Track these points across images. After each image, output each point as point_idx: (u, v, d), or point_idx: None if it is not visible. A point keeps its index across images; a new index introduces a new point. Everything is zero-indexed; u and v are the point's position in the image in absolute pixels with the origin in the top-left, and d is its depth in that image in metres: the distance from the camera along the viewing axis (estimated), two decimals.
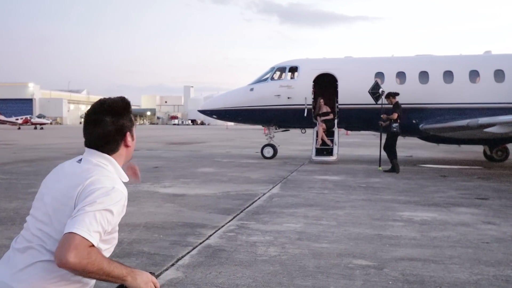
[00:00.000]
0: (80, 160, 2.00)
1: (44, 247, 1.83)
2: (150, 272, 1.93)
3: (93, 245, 1.73)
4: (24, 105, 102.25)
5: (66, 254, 1.66)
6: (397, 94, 13.16)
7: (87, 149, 2.02)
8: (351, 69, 15.63)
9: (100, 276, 1.72)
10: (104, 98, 2.05)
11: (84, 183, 1.84)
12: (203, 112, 17.32)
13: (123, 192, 1.89)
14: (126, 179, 2.07)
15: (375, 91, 13.35)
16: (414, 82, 15.02)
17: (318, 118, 15.59)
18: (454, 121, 13.67)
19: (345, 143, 24.47)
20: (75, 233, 1.70)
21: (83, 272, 1.70)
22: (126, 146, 2.06)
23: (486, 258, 4.67)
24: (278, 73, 16.07)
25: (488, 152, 16.30)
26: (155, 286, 1.90)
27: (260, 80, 16.15)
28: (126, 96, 2.11)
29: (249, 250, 4.92)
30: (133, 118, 2.09)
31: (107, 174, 1.92)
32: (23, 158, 15.80)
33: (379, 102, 13.34)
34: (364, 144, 26.02)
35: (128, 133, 2.05)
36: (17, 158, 15.89)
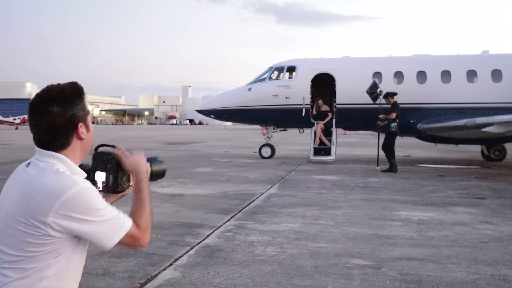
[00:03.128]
0: (29, 164, 1.76)
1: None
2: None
3: (134, 225, 1.77)
4: (22, 105, 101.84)
5: (142, 245, 1.79)
6: (395, 94, 13.17)
7: (36, 148, 1.77)
8: (349, 69, 15.64)
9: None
10: (52, 85, 1.77)
11: (38, 198, 1.61)
12: (201, 112, 17.32)
13: (87, 184, 1.69)
14: (84, 174, 1.85)
15: (373, 91, 13.36)
16: (412, 82, 15.03)
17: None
18: (452, 121, 13.68)
19: (343, 142, 24.48)
20: (125, 233, 1.72)
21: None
22: (79, 138, 1.77)
23: (484, 257, 4.69)
24: (276, 73, 16.08)
25: (486, 152, 16.32)
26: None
27: (258, 80, 16.15)
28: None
29: (247, 250, 4.92)
30: (86, 106, 1.80)
31: (58, 176, 1.66)
32: (21, 158, 15.71)
33: (377, 102, 13.35)
34: (362, 144, 26.04)
35: (80, 124, 1.76)
36: (15, 158, 15.85)
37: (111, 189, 1.94)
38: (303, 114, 15.22)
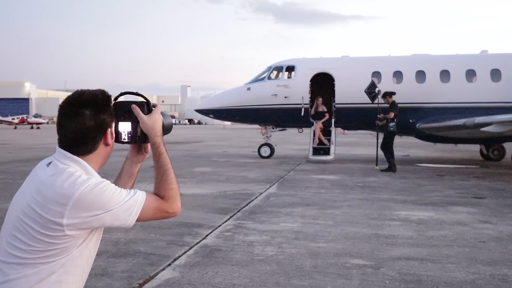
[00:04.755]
0: (50, 163, 1.76)
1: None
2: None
3: (156, 197, 1.80)
4: (20, 105, 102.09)
5: (173, 214, 1.86)
6: (394, 93, 13.18)
7: (58, 149, 1.77)
8: (348, 69, 15.64)
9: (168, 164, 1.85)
10: (83, 90, 1.79)
11: (62, 200, 1.63)
12: (200, 111, 17.32)
13: (95, 180, 1.69)
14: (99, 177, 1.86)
15: (371, 91, 13.36)
16: (411, 82, 15.04)
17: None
18: (451, 121, 13.69)
19: (342, 142, 24.49)
20: (141, 208, 1.73)
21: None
22: (106, 144, 1.80)
23: (483, 257, 4.68)
24: (275, 72, 16.07)
25: (485, 151, 16.33)
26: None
27: (257, 80, 16.14)
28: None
29: (246, 249, 4.91)
30: (113, 114, 1.83)
31: (72, 178, 1.66)
32: (19, 157, 15.74)
33: (376, 101, 13.36)
34: (361, 143, 26.04)
35: (109, 130, 1.79)
36: (13, 157, 15.84)
37: (140, 139, 1.86)
38: (302, 114, 15.22)
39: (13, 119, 58.85)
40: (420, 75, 15.09)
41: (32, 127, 57.18)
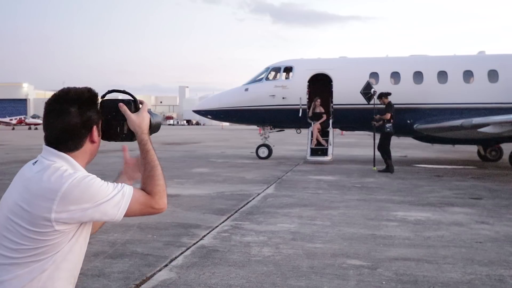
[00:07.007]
0: (36, 162, 1.79)
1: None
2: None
3: (143, 192, 1.79)
4: (18, 106, 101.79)
5: (159, 209, 1.80)
6: (389, 94, 13.17)
7: (44, 147, 1.78)
8: (345, 69, 15.65)
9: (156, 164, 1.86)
10: (69, 87, 1.80)
11: (48, 195, 1.63)
12: (198, 112, 17.32)
13: (82, 174, 1.70)
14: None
15: (367, 92, 13.37)
16: (408, 82, 15.05)
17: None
18: (448, 121, 13.72)
19: (340, 143, 24.50)
20: (129, 202, 1.71)
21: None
22: (92, 142, 1.81)
23: (480, 257, 4.69)
24: (273, 73, 16.07)
25: (482, 152, 16.36)
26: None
27: (255, 80, 16.14)
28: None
29: (243, 250, 4.91)
30: (100, 112, 1.83)
31: (59, 172, 1.67)
32: (17, 158, 15.71)
33: (371, 102, 13.38)
34: (359, 144, 26.05)
35: (95, 127, 1.80)
36: (11, 158, 15.81)
37: (127, 137, 1.88)
38: (300, 115, 15.23)
39: (11, 120, 58.73)
40: (418, 76, 15.10)
41: (30, 128, 57.03)
